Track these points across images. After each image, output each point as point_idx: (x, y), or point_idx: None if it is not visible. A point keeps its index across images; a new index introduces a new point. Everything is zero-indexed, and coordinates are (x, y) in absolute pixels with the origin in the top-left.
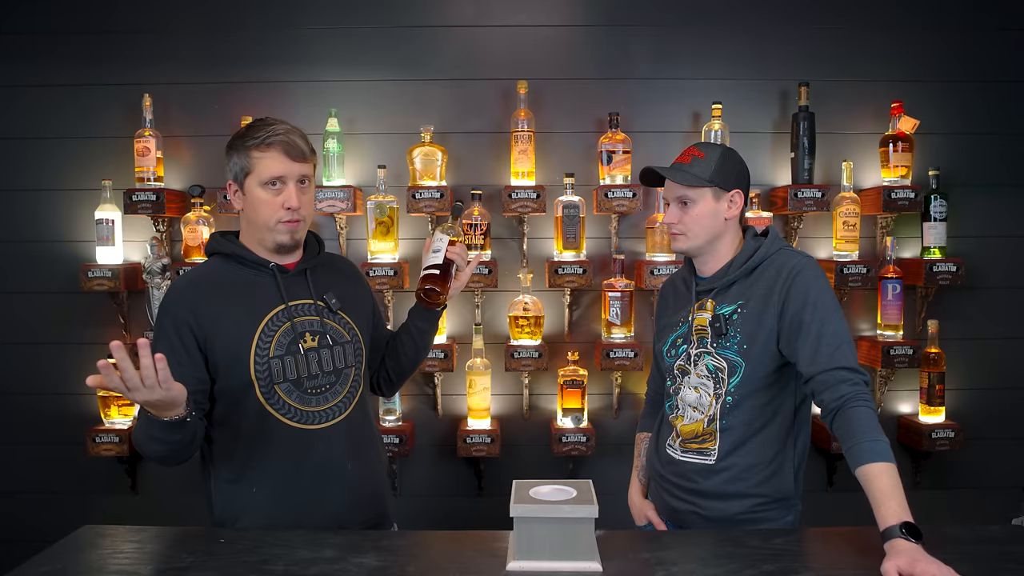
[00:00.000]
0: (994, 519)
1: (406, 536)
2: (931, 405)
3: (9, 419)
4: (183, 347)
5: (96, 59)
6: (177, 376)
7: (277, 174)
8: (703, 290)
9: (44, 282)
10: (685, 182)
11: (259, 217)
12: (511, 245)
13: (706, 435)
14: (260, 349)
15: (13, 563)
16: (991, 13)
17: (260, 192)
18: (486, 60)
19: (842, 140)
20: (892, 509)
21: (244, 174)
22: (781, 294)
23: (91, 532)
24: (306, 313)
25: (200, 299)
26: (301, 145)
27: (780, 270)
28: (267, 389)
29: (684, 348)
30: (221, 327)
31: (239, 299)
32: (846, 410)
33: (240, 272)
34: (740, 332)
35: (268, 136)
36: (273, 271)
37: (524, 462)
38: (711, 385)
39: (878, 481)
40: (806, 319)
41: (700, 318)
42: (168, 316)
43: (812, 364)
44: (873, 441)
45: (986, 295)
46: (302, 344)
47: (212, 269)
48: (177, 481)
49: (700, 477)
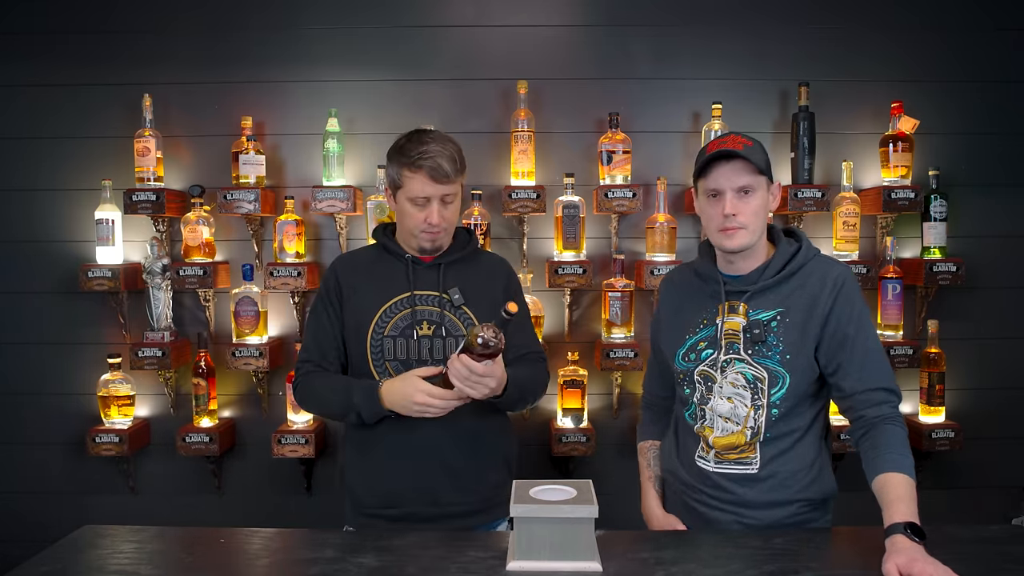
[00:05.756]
0: (994, 519)
1: (406, 536)
2: (931, 405)
3: (9, 419)
4: (333, 309)
5: (96, 59)
6: (328, 335)
7: (423, 195)
8: (734, 291)
9: (44, 282)
10: (759, 164)
11: (405, 225)
12: (511, 245)
13: (746, 447)
14: (378, 327)
15: (13, 563)
16: (990, 13)
17: (407, 206)
18: (486, 60)
19: (842, 140)
20: (901, 510)
21: (396, 187)
22: (826, 305)
23: (91, 532)
24: (428, 303)
25: (346, 272)
26: (447, 169)
27: (824, 279)
28: (379, 364)
29: (710, 353)
30: (354, 299)
31: (373, 280)
32: (884, 425)
33: (383, 257)
34: (782, 341)
35: (419, 159)
36: (407, 261)
37: (524, 462)
38: (748, 395)
39: (897, 488)
40: (851, 333)
41: (732, 322)
42: (324, 282)
43: (859, 381)
44: (902, 456)
45: (986, 295)
46: (417, 330)
47: (365, 252)
48: (177, 481)
49: (741, 488)
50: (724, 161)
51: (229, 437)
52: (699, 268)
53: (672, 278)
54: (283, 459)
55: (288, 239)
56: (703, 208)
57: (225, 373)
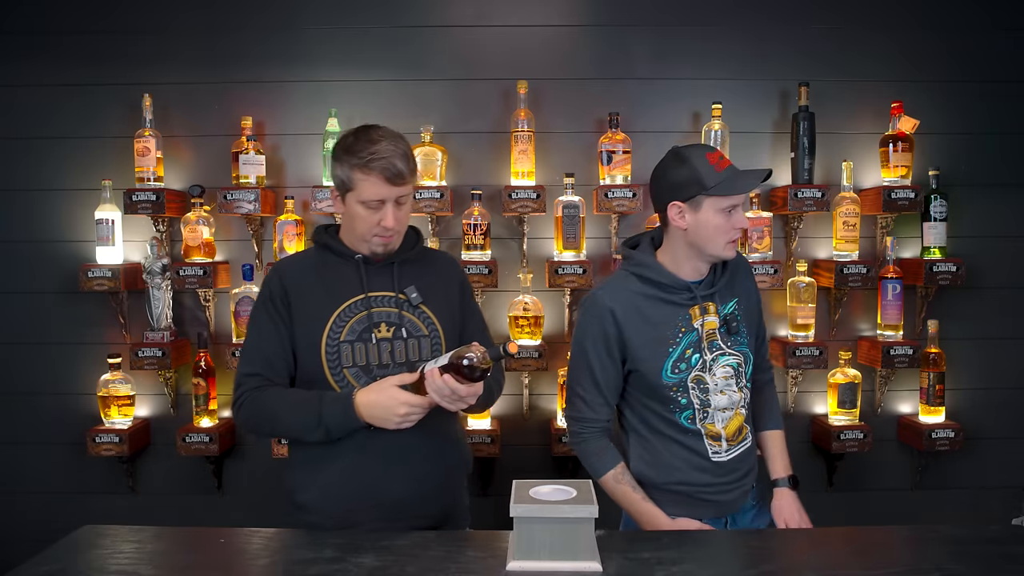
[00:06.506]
0: (994, 519)
1: (406, 536)
2: (931, 405)
3: (9, 419)
4: (280, 317)
5: (96, 59)
6: (275, 345)
7: (376, 198)
8: (705, 294)
9: (44, 282)
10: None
11: (355, 229)
12: (511, 245)
13: (744, 424)
14: (333, 333)
15: (13, 563)
16: (990, 13)
17: (359, 209)
18: (486, 60)
19: (842, 140)
20: (784, 465)
21: (345, 188)
22: (752, 287)
23: (91, 532)
24: (385, 304)
25: (292, 276)
26: (402, 168)
27: (738, 266)
28: (336, 372)
29: (698, 357)
30: (303, 306)
31: (323, 283)
32: (770, 387)
33: (329, 259)
34: (743, 325)
35: (371, 160)
36: (358, 262)
37: (524, 462)
38: (734, 382)
39: (777, 444)
40: (760, 310)
41: (710, 322)
42: (267, 288)
43: (761, 350)
44: (779, 414)
45: (986, 295)
46: (376, 333)
47: (307, 254)
48: (177, 481)
49: (747, 461)
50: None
51: (229, 437)
52: (659, 278)
53: (617, 295)
54: (282, 459)
55: (288, 239)
56: (708, 220)
57: (225, 373)
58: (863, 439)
